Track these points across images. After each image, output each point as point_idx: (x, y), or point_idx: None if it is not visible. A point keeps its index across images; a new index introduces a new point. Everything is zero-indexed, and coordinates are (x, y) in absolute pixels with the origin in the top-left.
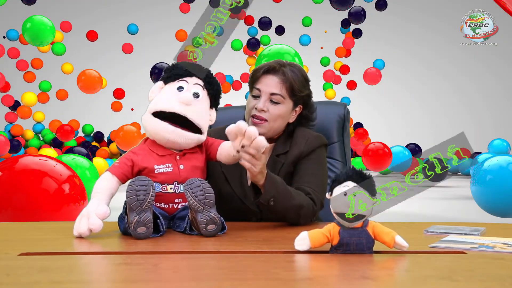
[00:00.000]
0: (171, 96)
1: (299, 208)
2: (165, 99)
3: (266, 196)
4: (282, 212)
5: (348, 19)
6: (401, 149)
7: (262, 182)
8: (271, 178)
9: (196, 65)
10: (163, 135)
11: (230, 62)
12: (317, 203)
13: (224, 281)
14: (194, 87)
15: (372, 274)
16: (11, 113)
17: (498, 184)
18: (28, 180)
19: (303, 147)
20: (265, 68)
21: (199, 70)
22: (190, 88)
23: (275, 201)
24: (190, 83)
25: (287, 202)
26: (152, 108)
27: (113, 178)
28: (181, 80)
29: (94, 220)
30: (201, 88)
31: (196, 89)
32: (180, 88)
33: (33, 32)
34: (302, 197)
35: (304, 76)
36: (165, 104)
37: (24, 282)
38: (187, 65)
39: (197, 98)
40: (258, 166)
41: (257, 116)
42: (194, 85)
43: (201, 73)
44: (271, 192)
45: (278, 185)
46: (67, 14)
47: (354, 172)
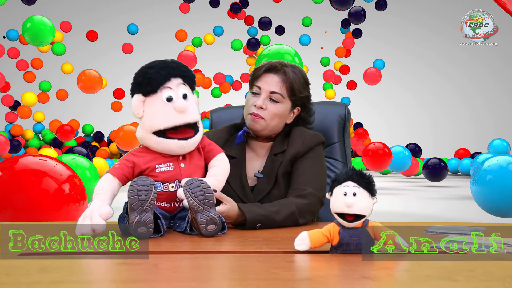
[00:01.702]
0: (166, 111)
1: (291, 215)
2: (160, 115)
3: (250, 225)
4: (277, 226)
5: (348, 19)
6: (401, 149)
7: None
8: (245, 208)
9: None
10: (177, 151)
11: (230, 62)
12: (317, 201)
13: (224, 281)
14: (179, 89)
15: (372, 274)
16: (11, 113)
17: (498, 184)
18: (28, 180)
19: (300, 145)
20: (267, 66)
21: (172, 69)
22: (178, 93)
23: (263, 223)
24: (173, 87)
25: (275, 220)
26: (152, 128)
27: (114, 179)
28: (164, 88)
29: (97, 220)
30: (184, 86)
31: (182, 90)
32: (169, 99)
33: (33, 32)
34: (289, 206)
35: (305, 78)
36: (165, 122)
37: (24, 282)
38: (157, 69)
39: (187, 98)
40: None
41: (255, 114)
42: (178, 86)
43: (174, 70)
44: (253, 220)
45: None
46: (67, 14)
47: (354, 172)
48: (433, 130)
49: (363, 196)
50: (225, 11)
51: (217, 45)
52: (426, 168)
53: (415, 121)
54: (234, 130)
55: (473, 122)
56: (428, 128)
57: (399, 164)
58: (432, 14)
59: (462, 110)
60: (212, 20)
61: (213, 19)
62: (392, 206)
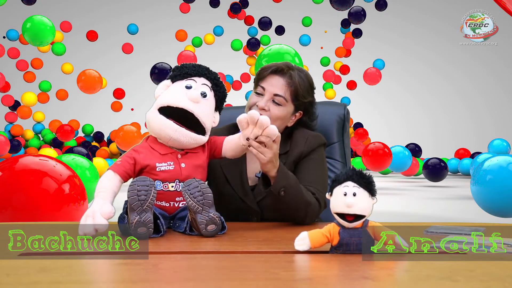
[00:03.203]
0: (180, 93)
1: (307, 205)
2: (173, 95)
3: (277, 186)
4: (291, 206)
5: (348, 19)
6: (401, 149)
7: (273, 173)
8: (283, 170)
9: (204, 66)
10: (167, 132)
11: (230, 62)
12: (322, 203)
13: (224, 281)
14: (202, 87)
15: (372, 274)
16: (11, 113)
17: (498, 184)
18: (28, 180)
19: (303, 146)
20: (273, 68)
21: (208, 71)
22: (198, 87)
23: (286, 193)
24: (198, 82)
25: (297, 197)
26: (159, 103)
27: (116, 176)
28: (190, 79)
29: (99, 220)
30: (208, 89)
31: (204, 89)
32: (188, 87)
33: (33, 32)
34: (310, 195)
35: (310, 83)
36: (173, 100)
37: (24, 282)
38: (195, 65)
39: (205, 97)
40: (268, 154)
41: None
42: (202, 85)
43: (209, 74)
44: (282, 183)
45: (290, 178)
46: (67, 14)
47: (354, 172)
48: (433, 130)
49: (363, 196)
50: (225, 11)
51: (217, 45)
52: (426, 168)
53: (415, 121)
54: (235, 130)
55: (473, 122)
56: (428, 128)
57: (399, 164)
58: (432, 14)
59: (462, 110)
60: (212, 20)
61: (213, 19)
62: (392, 206)
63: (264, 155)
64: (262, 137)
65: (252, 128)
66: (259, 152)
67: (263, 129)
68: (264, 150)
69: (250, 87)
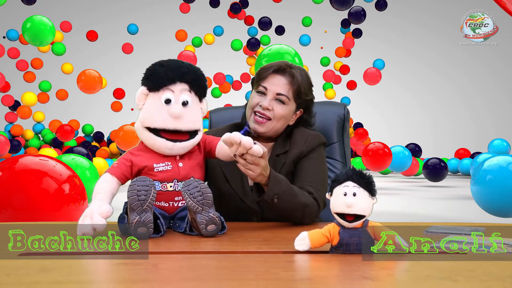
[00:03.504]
0: (160, 111)
1: (304, 207)
2: (154, 114)
3: (269, 194)
4: (287, 210)
5: (348, 19)
6: (401, 149)
7: (264, 183)
8: (275, 177)
9: (176, 64)
10: (163, 150)
11: (230, 62)
12: (321, 203)
13: (224, 281)
14: (182, 95)
15: (372, 274)
16: (11, 113)
17: (498, 184)
18: (28, 180)
19: (302, 146)
20: (275, 67)
21: (181, 74)
22: (178, 98)
23: (279, 199)
24: (176, 91)
25: (292, 201)
26: (144, 123)
27: (113, 179)
28: (166, 90)
29: (97, 219)
30: (188, 93)
31: (183, 97)
32: (167, 101)
33: (33, 32)
34: (306, 196)
35: (309, 81)
36: (157, 122)
37: (24, 282)
38: (168, 69)
39: (187, 105)
40: (256, 170)
41: (261, 113)
42: (181, 92)
43: (184, 76)
44: (274, 190)
45: (282, 184)
46: (67, 14)
47: (354, 172)
48: (433, 130)
49: (363, 196)
50: (225, 11)
51: (217, 45)
52: (426, 168)
53: (415, 121)
54: (235, 130)
55: (473, 122)
56: (428, 128)
57: (399, 164)
58: (432, 14)
59: (462, 110)
60: (212, 20)
61: (213, 19)
62: (392, 206)
63: (253, 171)
64: (247, 156)
65: (237, 147)
66: (246, 169)
67: (246, 150)
68: (252, 167)
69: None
